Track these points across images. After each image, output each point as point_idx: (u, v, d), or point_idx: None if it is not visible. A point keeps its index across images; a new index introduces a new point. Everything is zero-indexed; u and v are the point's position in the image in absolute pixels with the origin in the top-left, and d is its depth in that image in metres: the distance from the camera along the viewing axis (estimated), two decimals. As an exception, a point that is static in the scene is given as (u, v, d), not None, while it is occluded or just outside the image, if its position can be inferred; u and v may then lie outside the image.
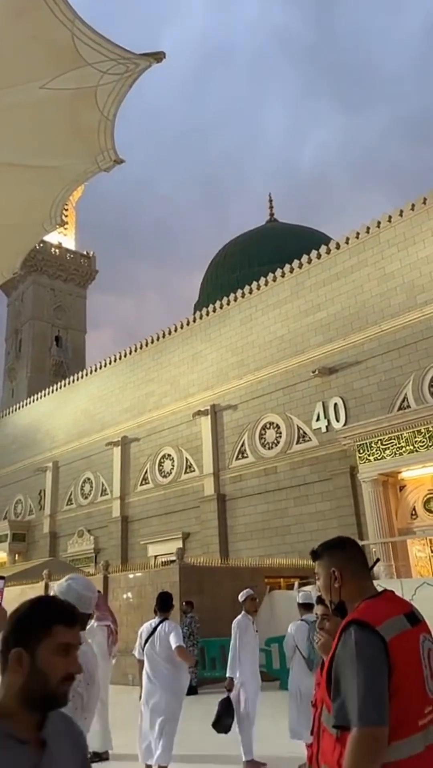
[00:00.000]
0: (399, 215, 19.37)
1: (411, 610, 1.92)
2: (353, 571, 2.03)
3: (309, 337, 20.94)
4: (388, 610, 1.87)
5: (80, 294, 51.67)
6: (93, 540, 27.38)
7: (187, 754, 5.86)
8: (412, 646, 1.79)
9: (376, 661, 1.72)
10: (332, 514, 18.88)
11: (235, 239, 39.21)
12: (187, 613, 11.86)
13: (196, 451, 23.80)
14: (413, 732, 1.72)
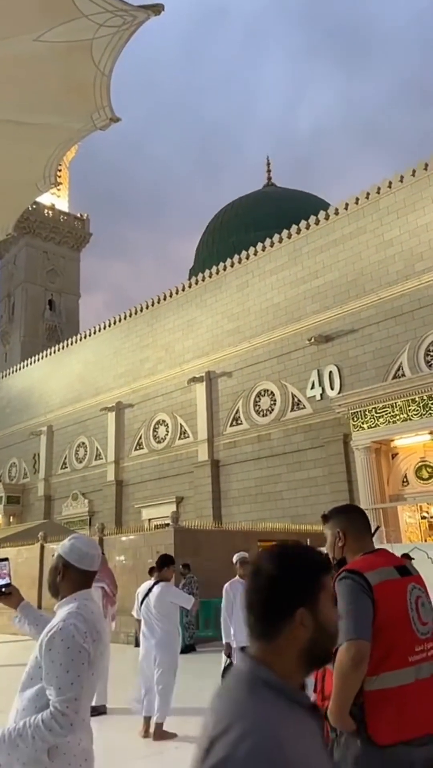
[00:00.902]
0: (399, 181, 19.04)
1: (403, 564, 2.22)
2: (354, 533, 2.32)
3: (306, 305, 20.81)
4: (378, 562, 2.17)
5: (74, 257, 50.97)
6: (87, 503, 27.68)
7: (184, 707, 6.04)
8: (398, 592, 2.09)
9: (361, 597, 2.02)
10: (324, 480, 19.10)
11: (231, 204, 38.55)
12: (185, 575, 12.14)
13: (191, 417, 23.88)
14: (402, 666, 1.99)
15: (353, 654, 1.94)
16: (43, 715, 1.84)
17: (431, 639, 2.10)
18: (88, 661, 1.94)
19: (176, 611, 6.16)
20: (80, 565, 2.15)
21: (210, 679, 8.17)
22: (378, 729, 1.93)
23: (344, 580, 2.08)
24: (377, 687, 1.97)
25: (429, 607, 2.15)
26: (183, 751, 5.29)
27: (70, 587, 2.13)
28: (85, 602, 2.09)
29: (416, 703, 1.98)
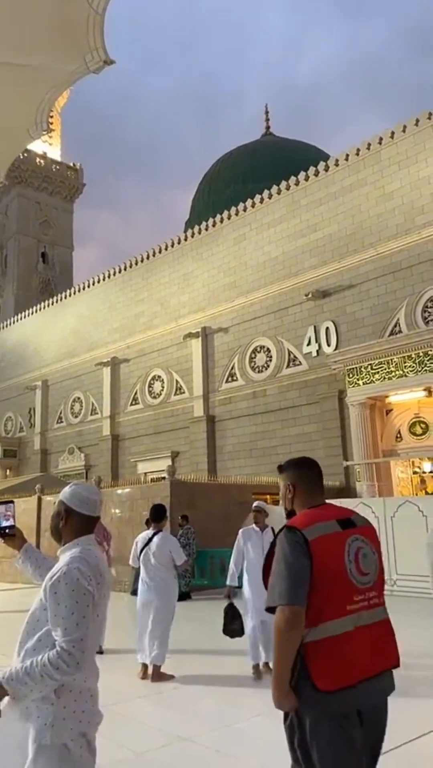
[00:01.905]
0: (402, 131, 18.50)
1: (348, 517, 2.27)
2: (304, 486, 2.37)
3: (303, 259, 20.52)
4: (320, 517, 2.22)
5: (67, 208, 49.83)
6: (84, 457, 27.95)
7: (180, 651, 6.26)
8: (336, 545, 2.15)
9: (296, 555, 2.09)
10: (318, 436, 19.29)
11: (228, 153, 37.49)
12: (183, 526, 12.44)
13: (187, 373, 23.88)
14: (340, 615, 2.08)
15: (288, 617, 2.04)
16: (50, 654, 1.90)
17: (372, 588, 2.18)
18: (92, 603, 1.99)
19: None
20: (82, 510, 2.19)
21: (205, 625, 8.47)
22: (321, 677, 2.02)
23: (285, 534, 2.16)
24: (318, 637, 2.06)
25: (371, 558, 2.22)
26: (180, 691, 5.51)
27: (73, 532, 2.18)
28: (87, 547, 2.14)
29: (357, 650, 2.08)
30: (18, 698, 1.95)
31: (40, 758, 1.93)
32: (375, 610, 2.19)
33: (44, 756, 1.93)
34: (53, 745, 1.92)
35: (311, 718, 2.04)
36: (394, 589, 11.31)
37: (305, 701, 2.04)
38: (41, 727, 1.93)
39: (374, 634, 2.16)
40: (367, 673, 2.07)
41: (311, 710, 2.04)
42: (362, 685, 2.05)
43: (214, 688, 5.62)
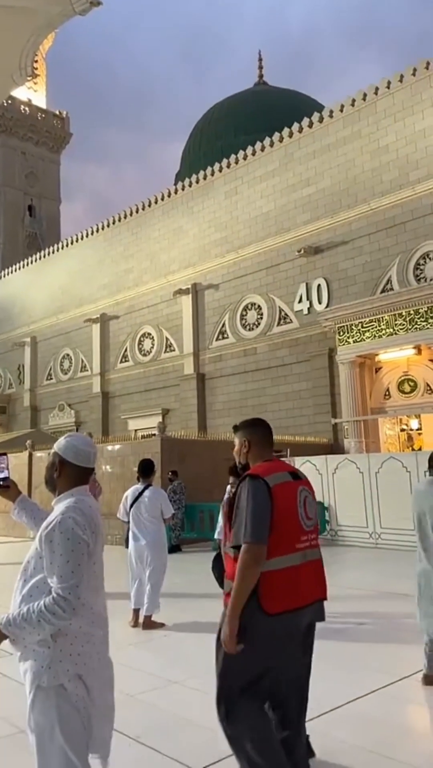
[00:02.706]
0: (399, 81, 17.98)
1: (295, 471, 2.66)
2: (257, 443, 2.71)
3: (296, 215, 20.20)
4: (275, 468, 2.57)
5: (53, 160, 48.37)
6: (74, 414, 28.02)
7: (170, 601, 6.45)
8: (290, 493, 2.51)
9: (261, 499, 2.41)
10: (307, 394, 19.42)
11: (220, 103, 36.32)
12: (172, 481, 12.63)
13: (177, 330, 23.76)
14: (291, 551, 2.43)
15: (255, 553, 2.35)
16: (46, 600, 1.97)
17: (313, 531, 2.58)
18: (87, 552, 2.05)
19: None
20: (76, 461, 2.22)
21: (194, 576, 8.70)
22: (269, 601, 2.36)
23: (250, 481, 2.46)
24: (270, 568, 2.39)
25: (314, 505, 2.62)
26: (170, 639, 5.70)
27: (68, 483, 2.21)
28: (82, 497, 2.18)
29: (300, 581, 2.44)
30: (16, 642, 2.02)
31: (38, 698, 2.02)
32: (315, 550, 2.58)
33: (42, 696, 2.01)
34: (50, 686, 2.00)
35: (255, 636, 2.34)
36: (379, 542, 11.63)
37: (252, 623, 2.36)
38: (39, 669, 2.01)
39: (314, 569, 2.54)
40: (306, 601, 2.45)
41: (254, 630, 2.34)
42: (300, 611, 2.42)
43: (204, 635, 5.81)
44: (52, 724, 2.00)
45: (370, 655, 5.00)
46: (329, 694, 4.03)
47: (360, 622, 6.04)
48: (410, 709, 3.95)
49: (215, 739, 3.42)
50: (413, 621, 5.69)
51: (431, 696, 4.03)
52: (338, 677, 4.45)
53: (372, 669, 4.58)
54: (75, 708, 2.02)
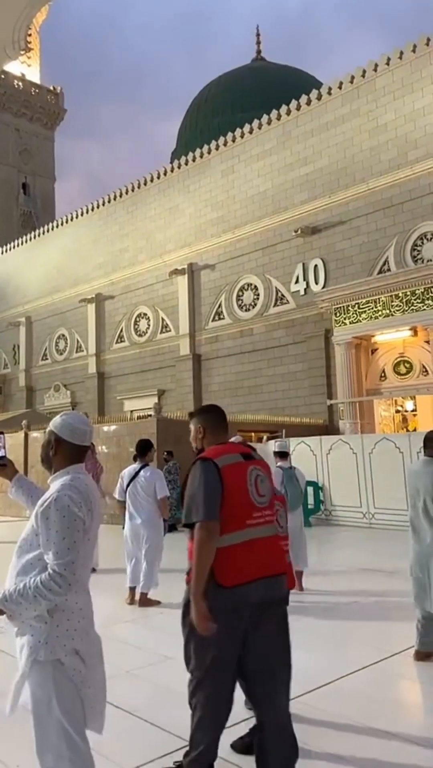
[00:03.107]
0: (399, 58, 17.69)
1: (249, 452, 2.77)
2: (211, 429, 2.83)
3: (293, 194, 20.01)
4: (226, 450, 2.70)
5: (47, 136, 47.66)
6: (70, 394, 28.00)
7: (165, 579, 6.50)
8: (240, 472, 2.62)
9: (211, 479, 2.54)
10: (303, 375, 19.43)
11: (217, 79, 35.73)
12: (168, 461, 12.66)
13: (173, 311, 23.65)
14: (242, 528, 2.55)
15: (207, 531, 2.48)
16: (43, 576, 1.99)
17: (267, 507, 2.67)
18: (83, 529, 2.06)
19: None
20: (72, 439, 2.22)
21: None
22: (224, 575, 2.47)
23: (201, 463, 2.60)
24: (223, 544, 2.50)
25: (267, 484, 2.71)
26: (166, 616, 5.75)
27: (63, 461, 2.22)
28: (78, 475, 2.18)
29: (253, 555, 2.54)
30: (13, 618, 2.04)
31: (34, 672, 2.04)
32: (269, 526, 2.65)
33: (39, 670, 2.04)
34: (47, 661, 2.02)
35: (212, 610, 2.43)
36: (373, 521, 11.73)
37: (209, 598, 2.45)
38: (35, 644, 2.03)
39: (268, 545, 2.62)
40: (259, 574, 2.53)
41: (210, 602, 2.45)
42: (254, 584, 2.50)
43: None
44: (49, 697, 2.03)
45: (362, 632, 5.06)
46: (322, 669, 4.10)
47: (353, 600, 6.12)
48: (401, 684, 4.02)
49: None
50: (405, 599, 5.76)
51: (422, 671, 4.10)
52: (330, 653, 4.52)
53: (364, 645, 4.65)
54: (72, 681, 2.05)
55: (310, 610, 5.78)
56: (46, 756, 2.04)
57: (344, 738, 3.15)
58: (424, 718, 3.55)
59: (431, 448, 4.33)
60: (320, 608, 5.86)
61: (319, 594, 6.15)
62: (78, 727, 2.06)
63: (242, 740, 3.01)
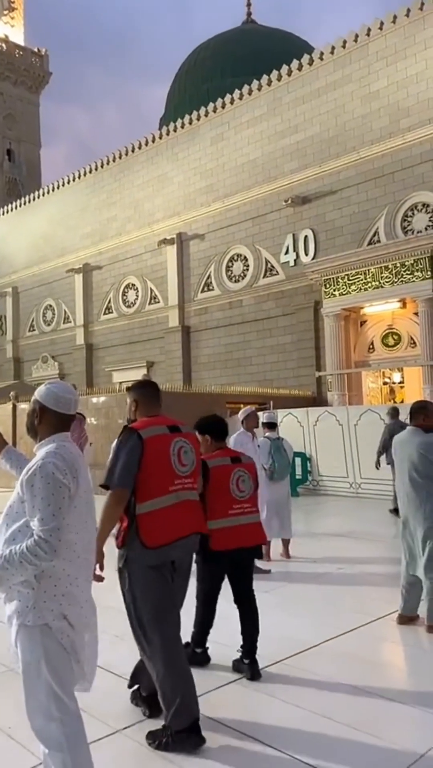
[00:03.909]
0: (392, 22, 17.29)
1: (176, 424, 3.00)
2: (144, 402, 3.06)
3: (283, 162, 19.71)
4: (154, 422, 2.92)
5: (32, 101, 46.37)
6: (57, 366, 27.84)
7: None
8: (164, 444, 2.85)
9: (131, 449, 2.78)
10: (292, 347, 19.43)
11: (206, 43, 34.78)
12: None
13: (161, 282, 23.44)
14: (164, 494, 2.80)
15: (117, 497, 2.77)
16: (28, 542, 2.00)
17: (189, 476, 2.93)
18: (68, 496, 2.07)
19: None
20: (57, 408, 2.22)
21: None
22: (148, 537, 2.75)
23: (126, 433, 2.85)
24: (147, 509, 2.77)
25: (190, 454, 2.96)
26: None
27: (48, 430, 2.22)
28: (62, 443, 2.18)
29: (174, 518, 2.81)
30: (1, 584, 2.06)
31: (22, 636, 2.08)
32: (190, 492, 2.94)
33: (27, 634, 2.07)
34: (35, 625, 2.05)
35: (138, 568, 2.77)
36: (359, 491, 11.91)
37: (134, 557, 2.77)
38: (23, 609, 2.06)
39: (188, 508, 2.90)
40: (181, 533, 2.83)
41: (137, 563, 2.77)
42: (176, 543, 2.80)
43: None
44: (38, 660, 2.06)
45: (348, 597, 5.18)
46: (309, 632, 4.20)
47: (338, 567, 6.24)
48: (384, 646, 4.13)
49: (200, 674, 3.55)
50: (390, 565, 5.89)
51: (405, 634, 4.21)
52: (317, 617, 4.62)
53: (350, 610, 4.76)
54: (60, 645, 2.08)
55: (297, 577, 5.89)
56: (36, 717, 2.09)
57: (330, 696, 3.24)
58: (405, 678, 3.66)
59: (417, 419, 4.38)
60: (306, 575, 5.98)
61: (306, 561, 6.26)
62: (67, 689, 2.10)
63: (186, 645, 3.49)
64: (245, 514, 3.50)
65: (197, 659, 3.62)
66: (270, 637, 4.22)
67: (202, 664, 3.63)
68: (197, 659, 3.62)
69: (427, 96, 16.61)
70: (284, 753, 2.65)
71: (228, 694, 3.31)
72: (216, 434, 3.65)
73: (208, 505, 3.40)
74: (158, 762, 2.63)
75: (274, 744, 2.73)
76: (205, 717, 3.00)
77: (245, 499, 3.51)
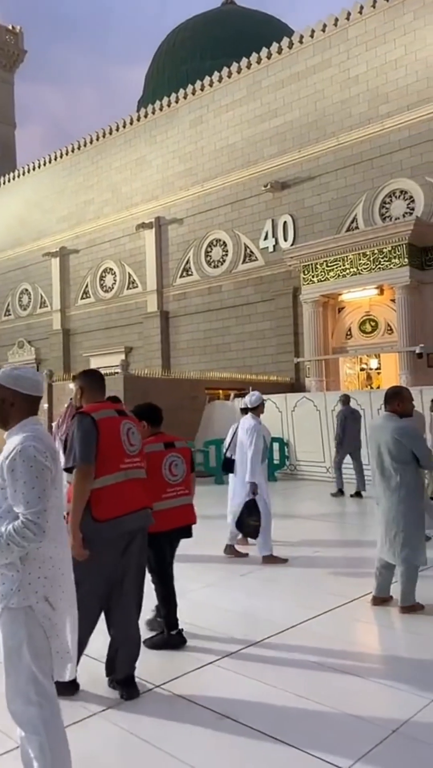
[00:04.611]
0: (372, 6, 17.21)
1: (122, 409, 3.26)
2: (89, 389, 3.30)
3: (263, 147, 19.60)
4: (102, 407, 3.16)
5: (6, 79, 45.21)
6: (34, 351, 27.52)
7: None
8: (114, 425, 3.09)
9: (88, 430, 3.00)
10: (271, 333, 19.48)
11: (185, 23, 34.19)
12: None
13: (140, 266, 23.24)
14: (115, 471, 3.04)
15: (83, 473, 2.95)
16: (15, 524, 2.00)
17: (137, 455, 3.18)
18: (51, 478, 2.08)
19: None
20: (29, 391, 2.20)
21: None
22: (98, 511, 2.96)
23: (79, 417, 3.06)
24: (100, 485, 2.98)
25: (137, 436, 3.22)
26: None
27: (20, 415, 2.20)
28: (36, 426, 2.18)
29: (124, 493, 3.04)
30: None
31: (5, 619, 2.08)
32: (138, 470, 3.18)
33: (10, 617, 2.08)
34: (19, 608, 2.06)
35: (88, 541, 2.91)
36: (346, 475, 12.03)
37: (89, 534, 2.92)
38: (8, 591, 2.06)
39: (136, 485, 3.13)
40: (130, 509, 3.03)
41: (89, 535, 2.92)
42: (128, 516, 3.02)
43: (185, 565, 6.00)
44: (20, 643, 2.07)
45: (324, 580, 5.27)
46: (286, 614, 4.27)
47: (314, 550, 6.33)
48: (359, 626, 4.22)
49: (176, 656, 3.60)
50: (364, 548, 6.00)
51: (379, 615, 4.31)
52: (293, 600, 4.70)
53: (325, 592, 4.84)
54: (42, 627, 2.10)
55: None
56: (15, 700, 2.09)
57: (305, 676, 3.31)
58: (378, 657, 3.75)
59: (391, 404, 4.44)
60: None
61: (282, 545, 6.34)
62: (46, 672, 2.11)
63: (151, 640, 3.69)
64: (178, 496, 3.77)
65: (173, 641, 3.67)
66: (247, 619, 4.28)
67: (177, 647, 3.66)
68: (173, 641, 3.67)
69: (406, 82, 16.62)
70: (260, 732, 2.71)
71: (205, 675, 3.36)
72: (153, 420, 3.88)
73: None
74: (134, 741, 2.67)
75: (251, 723, 2.78)
76: (183, 698, 3.04)
77: (178, 482, 3.78)
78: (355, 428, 10.27)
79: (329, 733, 2.72)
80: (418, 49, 16.41)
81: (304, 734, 2.69)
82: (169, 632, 3.71)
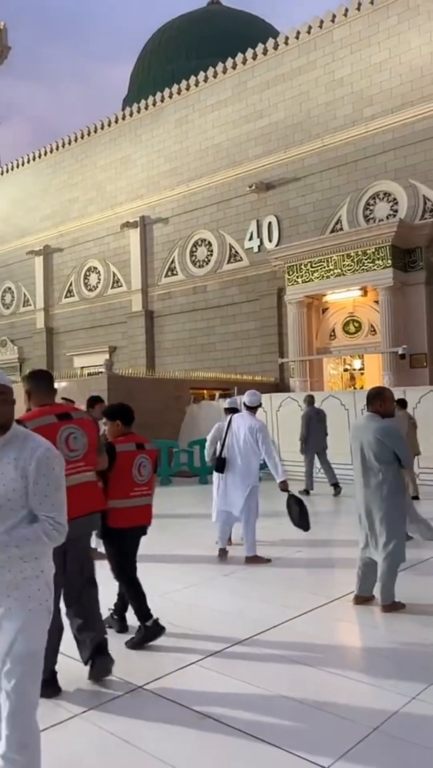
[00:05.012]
0: (356, 9, 17.33)
1: (66, 412, 3.21)
2: (36, 392, 3.23)
3: (248, 147, 19.64)
4: (42, 413, 3.10)
5: (-9, 75, 44.74)
6: (17, 350, 27.30)
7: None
8: (51, 432, 2.98)
9: None
10: (256, 333, 19.52)
11: (171, 23, 34.11)
12: None
13: (124, 265, 23.15)
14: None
15: None
16: (45, 526, 2.04)
17: (81, 460, 3.17)
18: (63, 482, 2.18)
19: None
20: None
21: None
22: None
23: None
24: None
25: (81, 440, 3.17)
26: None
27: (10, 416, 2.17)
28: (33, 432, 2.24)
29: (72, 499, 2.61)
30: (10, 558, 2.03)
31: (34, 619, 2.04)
32: (84, 474, 3.17)
33: (37, 616, 2.05)
34: (43, 607, 2.08)
35: None
36: (319, 475, 12.10)
37: None
38: (35, 592, 2.06)
39: (83, 490, 3.12)
40: (81, 512, 3.01)
41: None
42: (77, 521, 2.87)
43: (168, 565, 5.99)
44: (42, 646, 2.08)
45: (306, 580, 5.29)
46: (269, 614, 4.28)
47: (297, 549, 6.36)
48: (340, 625, 4.25)
49: (159, 657, 3.59)
50: (346, 548, 6.03)
51: (360, 614, 4.34)
52: (277, 600, 4.71)
53: (308, 592, 4.87)
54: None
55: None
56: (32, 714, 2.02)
57: (287, 674, 3.32)
58: (360, 656, 3.78)
59: (374, 405, 4.48)
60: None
61: (264, 545, 6.36)
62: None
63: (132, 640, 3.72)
64: (142, 495, 3.86)
65: (151, 633, 3.69)
66: (230, 618, 4.29)
67: (158, 636, 3.71)
68: (151, 633, 3.69)
69: (390, 85, 16.76)
70: (242, 731, 2.71)
71: (187, 675, 3.36)
72: (125, 420, 3.96)
73: (110, 485, 3.73)
74: (115, 742, 2.66)
75: (233, 723, 2.78)
76: (165, 698, 3.04)
77: (144, 482, 3.87)
78: (320, 428, 10.35)
79: (311, 731, 2.73)
80: (402, 52, 16.56)
81: (286, 733, 2.70)
82: (144, 625, 3.71)
